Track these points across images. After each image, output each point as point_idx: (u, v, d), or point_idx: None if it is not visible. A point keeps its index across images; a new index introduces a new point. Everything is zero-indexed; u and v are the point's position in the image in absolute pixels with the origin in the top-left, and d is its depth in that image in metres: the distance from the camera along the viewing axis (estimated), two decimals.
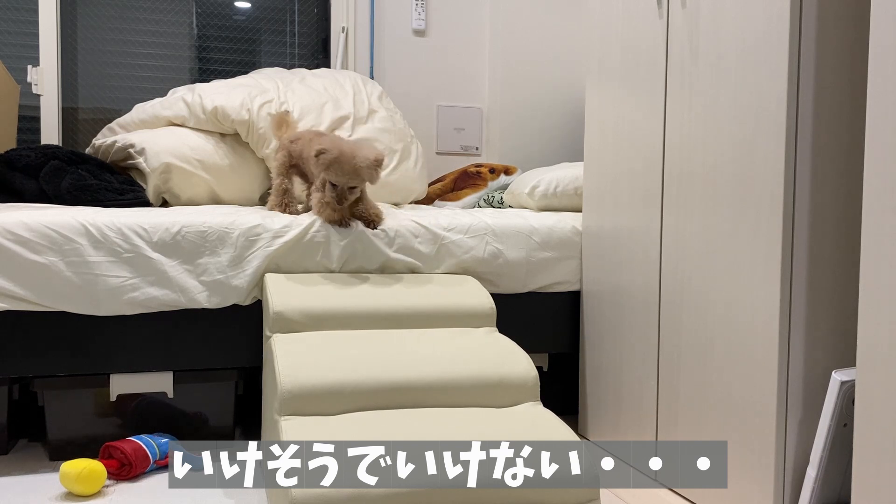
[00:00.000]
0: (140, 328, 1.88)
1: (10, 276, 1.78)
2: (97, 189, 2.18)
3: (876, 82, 1.14)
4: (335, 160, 1.84)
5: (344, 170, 1.84)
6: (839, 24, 1.39)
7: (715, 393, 1.56)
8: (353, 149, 1.86)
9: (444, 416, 1.58)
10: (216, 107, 2.42)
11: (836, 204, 1.42)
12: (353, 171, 1.84)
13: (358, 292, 1.88)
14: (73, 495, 1.69)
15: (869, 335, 1.14)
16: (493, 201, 2.74)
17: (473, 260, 2.10)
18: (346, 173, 1.84)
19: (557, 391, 2.23)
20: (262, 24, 3.37)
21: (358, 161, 1.85)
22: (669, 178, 1.72)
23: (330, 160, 1.84)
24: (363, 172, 1.86)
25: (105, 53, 3.16)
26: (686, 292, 1.66)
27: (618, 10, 1.92)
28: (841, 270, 1.43)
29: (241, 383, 2.03)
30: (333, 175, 1.86)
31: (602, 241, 2.03)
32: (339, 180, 1.87)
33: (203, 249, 1.90)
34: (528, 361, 1.74)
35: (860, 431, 1.16)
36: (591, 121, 2.06)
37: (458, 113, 3.38)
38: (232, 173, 2.42)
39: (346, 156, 1.84)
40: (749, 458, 1.47)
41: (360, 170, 1.85)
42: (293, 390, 1.55)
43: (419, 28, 3.32)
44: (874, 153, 1.14)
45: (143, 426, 1.95)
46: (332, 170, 1.85)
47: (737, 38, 1.50)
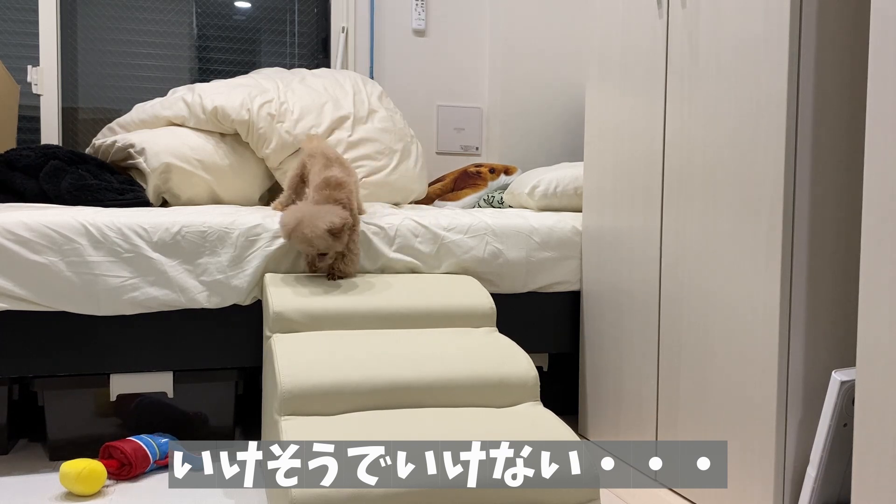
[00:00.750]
0: (140, 328, 1.88)
1: (10, 276, 1.78)
2: (97, 189, 2.18)
3: (876, 82, 1.14)
4: (292, 231, 1.81)
5: (300, 238, 1.81)
6: (839, 24, 1.39)
7: (715, 393, 1.56)
8: (312, 218, 1.81)
9: (444, 416, 1.58)
10: (216, 107, 2.42)
11: (836, 204, 1.42)
12: (306, 240, 1.81)
13: (358, 292, 1.88)
14: (73, 495, 1.69)
15: (869, 335, 1.14)
16: (493, 201, 2.74)
17: (473, 260, 2.10)
18: (303, 242, 1.82)
19: (557, 391, 2.23)
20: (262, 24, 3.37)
21: (311, 231, 1.80)
22: (669, 178, 1.72)
23: (287, 232, 1.82)
24: (316, 241, 1.80)
25: (105, 53, 3.16)
26: (686, 292, 1.66)
27: (618, 10, 1.92)
28: (841, 270, 1.43)
29: (241, 383, 2.03)
30: (296, 244, 1.85)
31: (602, 241, 2.03)
32: (301, 249, 1.87)
33: (203, 249, 1.90)
34: (528, 361, 1.74)
35: (860, 431, 1.16)
36: (591, 121, 2.06)
37: (458, 113, 3.38)
38: (232, 173, 2.42)
39: (305, 224, 1.80)
40: (749, 458, 1.47)
41: (313, 239, 1.80)
42: (293, 390, 1.55)
43: (419, 28, 3.32)
44: (874, 153, 1.14)
45: (143, 426, 1.95)
46: (293, 240, 1.84)
47: (737, 37, 1.50)
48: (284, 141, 2.46)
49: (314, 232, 1.79)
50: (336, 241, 1.82)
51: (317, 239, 1.80)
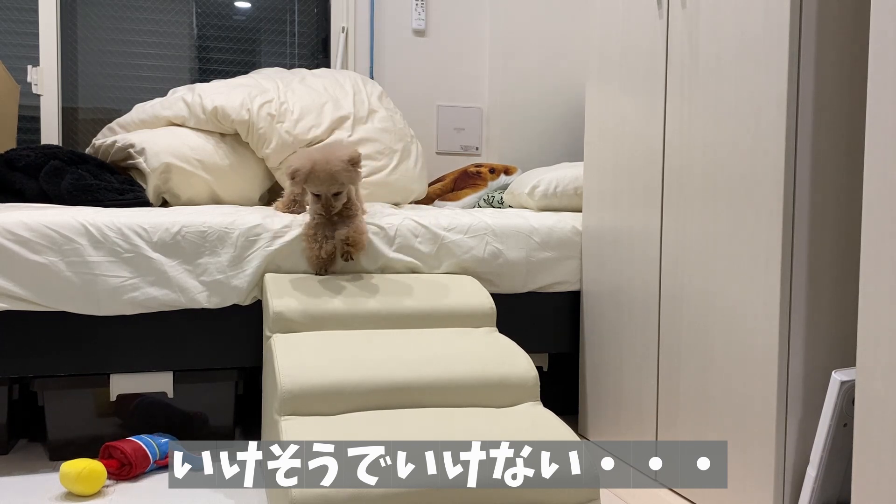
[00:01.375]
0: (140, 328, 1.88)
1: (10, 276, 1.78)
2: (97, 189, 2.18)
3: (876, 82, 1.14)
4: (310, 172, 1.80)
5: (321, 178, 1.79)
6: (839, 24, 1.39)
7: (715, 393, 1.56)
8: (325, 155, 1.82)
9: (444, 416, 1.58)
10: (216, 107, 2.42)
11: (836, 204, 1.42)
12: (329, 176, 1.80)
13: (358, 292, 1.88)
14: (73, 495, 1.69)
15: (869, 335, 1.14)
16: (493, 201, 2.74)
17: (473, 260, 2.10)
18: (324, 181, 1.80)
19: (557, 391, 2.23)
20: (262, 24, 3.37)
21: (332, 165, 1.79)
22: (669, 178, 1.72)
23: (305, 174, 1.80)
24: (341, 176, 1.81)
25: (105, 53, 3.16)
26: (686, 292, 1.66)
27: (618, 10, 1.92)
28: (841, 270, 1.43)
29: (241, 383, 2.03)
30: (313, 187, 1.82)
31: (602, 241, 2.03)
32: (320, 189, 1.82)
33: (203, 249, 1.90)
34: (528, 361, 1.74)
35: (860, 431, 1.16)
36: (591, 121, 2.06)
37: (458, 113, 3.37)
38: (232, 173, 2.42)
39: (320, 163, 1.80)
40: (749, 458, 1.47)
41: (337, 173, 1.80)
42: (293, 390, 1.55)
43: (419, 28, 3.32)
44: (874, 153, 1.14)
45: (143, 426, 1.95)
46: (311, 182, 1.81)
47: (737, 37, 1.50)
48: (284, 141, 2.46)
49: (336, 165, 1.79)
50: (356, 172, 1.83)
51: (340, 172, 1.79)
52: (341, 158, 1.81)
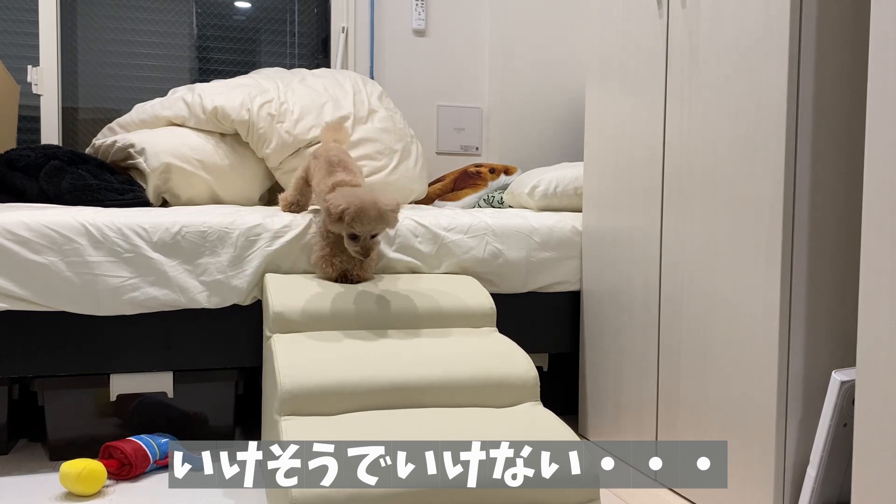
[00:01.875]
0: (140, 328, 1.88)
1: (10, 276, 1.78)
2: (97, 189, 2.18)
3: (876, 82, 1.14)
4: (360, 211, 1.79)
5: (371, 216, 1.80)
6: (839, 24, 1.39)
7: (715, 393, 1.56)
8: (371, 195, 1.82)
9: (444, 416, 1.58)
10: (216, 107, 2.42)
11: (836, 204, 1.42)
12: (379, 216, 1.80)
13: (358, 292, 1.88)
14: (73, 495, 1.69)
15: (869, 335, 1.14)
16: (493, 201, 2.74)
17: (473, 260, 2.10)
18: (374, 220, 1.80)
19: (557, 391, 2.23)
20: (262, 24, 3.37)
21: (381, 205, 1.81)
22: (669, 178, 1.72)
23: (355, 214, 1.79)
24: (388, 217, 1.82)
25: (105, 53, 3.16)
26: (686, 292, 1.66)
27: (618, 10, 1.92)
28: (841, 270, 1.43)
29: (241, 383, 2.03)
30: (360, 226, 1.81)
31: (602, 241, 2.03)
32: (364, 230, 1.82)
33: (203, 249, 1.90)
34: (528, 361, 1.74)
35: (860, 431, 1.16)
36: (591, 121, 2.06)
37: (458, 113, 3.37)
38: (232, 173, 2.42)
39: (369, 203, 1.80)
40: (749, 458, 1.47)
41: (386, 213, 1.81)
42: (293, 390, 1.55)
43: (419, 28, 3.32)
44: (874, 153, 1.14)
45: (143, 426, 1.95)
46: (359, 221, 1.80)
47: (737, 38, 1.50)
48: (284, 141, 2.46)
49: (387, 207, 1.81)
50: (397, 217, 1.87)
51: (390, 214, 1.82)
52: (388, 204, 1.82)
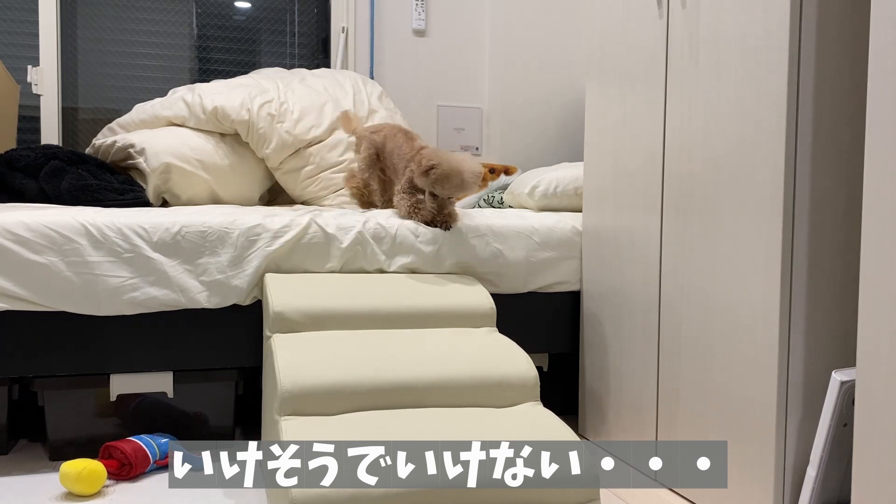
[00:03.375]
0: (140, 328, 1.88)
1: (10, 276, 1.78)
2: (97, 189, 2.18)
3: (876, 82, 1.14)
4: (445, 175, 1.89)
5: (453, 183, 1.89)
6: (839, 24, 1.39)
7: (715, 393, 1.56)
8: (459, 162, 1.92)
9: (444, 416, 1.58)
10: (216, 107, 2.42)
11: (836, 204, 1.42)
12: (461, 184, 1.90)
13: (358, 292, 1.88)
14: (73, 495, 1.69)
15: (869, 335, 1.14)
16: (493, 201, 2.74)
17: (473, 260, 2.10)
18: (455, 186, 1.90)
19: (557, 391, 2.23)
20: (262, 24, 3.37)
21: (466, 175, 1.91)
22: (669, 178, 1.72)
23: (440, 174, 1.89)
24: (469, 186, 1.92)
25: (105, 53, 3.16)
26: (686, 292, 1.66)
27: (618, 10, 1.92)
28: (841, 270, 1.43)
29: (241, 383, 2.03)
30: (441, 188, 1.91)
31: (602, 241, 2.03)
32: (444, 192, 1.92)
33: (203, 249, 1.91)
34: (528, 361, 1.74)
35: (860, 431, 1.16)
36: (591, 121, 2.06)
37: (458, 113, 3.38)
38: (232, 173, 2.42)
39: (455, 170, 1.89)
40: (749, 458, 1.47)
41: (468, 183, 1.91)
42: (293, 390, 1.55)
43: (419, 28, 3.32)
44: (874, 153, 1.14)
45: (143, 426, 1.95)
46: (441, 183, 1.89)
47: (737, 38, 1.50)
48: (284, 141, 2.46)
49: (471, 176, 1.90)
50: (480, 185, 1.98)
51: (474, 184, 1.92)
52: (474, 171, 1.91)
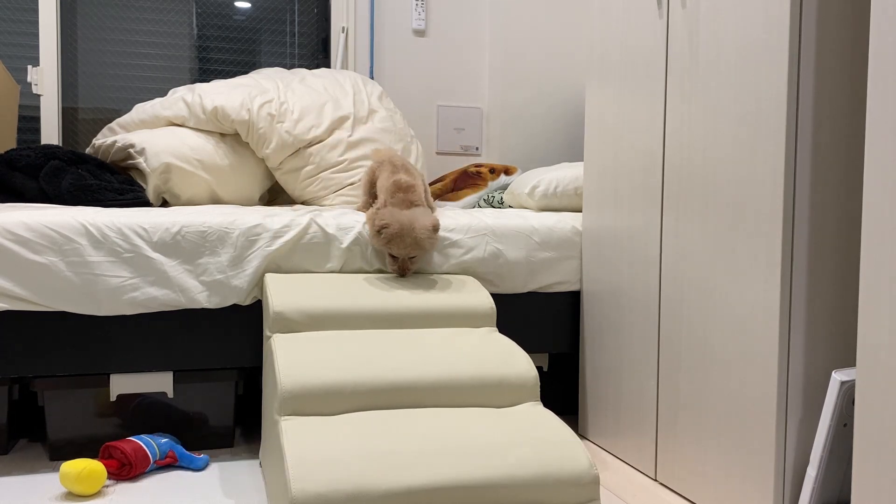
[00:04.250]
0: (140, 328, 1.88)
1: (10, 276, 1.78)
2: (97, 189, 2.18)
3: (876, 82, 1.14)
4: (396, 235, 1.88)
5: (405, 242, 1.89)
6: (839, 24, 1.39)
7: (715, 393, 1.57)
8: (411, 220, 1.91)
9: (444, 416, 1.58)
10: (216, 107, 2.42)
11: (836, 204, 1.42)
12: (413, 243, 1.90)
13: (358, 292, 1.89)
14: (73, 495, 1.69)
15: (869, 335, 1.14)
16: (493, 201, 2.74)
17: (473, 260, 2.10)
18: (407, 245, 1.90)
19: (557, 391, 2.23)
20: (262, 24, 3.37)
21: (417, 233, 1.90)
22: (669, 178, 1.72)
23: (391, 235, 1.89)
24: (424, 244, 1.91)
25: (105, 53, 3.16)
26: (686, 292, 1.66)
27: (618, 10, 1.92)
28: (841, 270, 1.43)
29: (241, 383, 2.03)
30: (395, 248, 1.91)
31: (602, 241, 2.03)
32: (399, 252, 1.92)
33: (203, 249, 1.91)
34: (528, 361, 1.74)
35: (860, 431, 1.16)
36: (591, 121, 2.06)
37: (458, 113, 3.38)
38: (232, 173, 2.42)
39: (406, 229, 1.89)
40: (749, 458, 1.47)
41: (421, 241, 1.90)
42: (293, 390, 1.55)
43: (419, 28, 3.32)
44: (874, 153, 1.14)
45: (143, 426, 1.95)
46: (394, 244, 1.90)
47: (737, 38, 1.50)
48: (284, 141, 2.46)
49: (423, 233, 1.89)
50: (436, 239, 1.95)
51: (427, 241, 1.91)
52: (426, 226, 1.90)
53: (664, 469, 1.74)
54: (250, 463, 1.91)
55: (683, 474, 1.66)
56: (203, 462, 1.86)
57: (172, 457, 1.85)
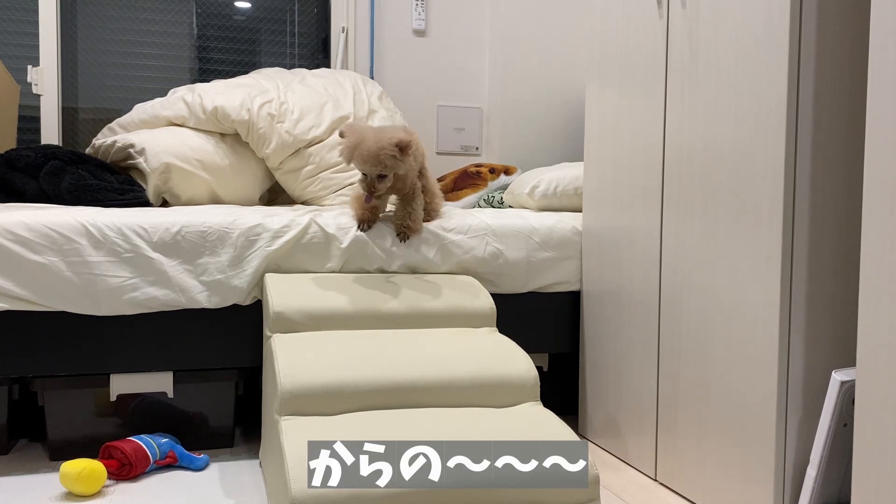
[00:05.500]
0: (140, 328, 1.88)
1: (10, 276, 1.78)
2: (97, 189, 2.18)
3: (876, 82, 1.14)
4: (355, 149, 1.71)
5: (364, 157, 1.71)
6: (839, 24, 1.39)
7: (715, 393, 1.56)
8: (376, 134, 1.73)
9: (444, 416, 1.58)
10: (216, 107, 2.42)
11: (836, 204, 1.42)
12: (372, 158, 1.70)
13: (358, 292, 1.88)
14: (73, 495, 1.69)
15: (869, 335, 1.14)
16: (493, 201, 2.74)
17: (473, 260, 2.10)
18: (367, 161, 1.71)
19: (557, 391, 2.23)
20: (262, 24, 3.37)
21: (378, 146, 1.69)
22: (669, 178, 1.72)
23: (350, 151, 1.72)
24: (385, 159, 1.71)
25: (105, 53, 3.16)
26: (686, 292, 1.66)
27: (618, 11, 1.92)
28: (841, 270, 1.43)
29: (241, 383, 2.03)
30: (357, 164, 1.74)
31: (602, 241, 2.03)
32: (363, 169, 1.74)
33: (203, 249, 1.90)
34: (528, 361, 1.74)
35: (860, 431, 1.16)
36: (591, 121, 2.06)
37: (458, 113, 3.38)
38: (232, 173, 2.42)
39: (367, 142, 1.71)
40: (749, 458, 1.47)
41: (382, 156, 1.70)
42: (293, 390, 1.55)
43: (419, 28, 3.32)
44: (874, 153, 1.14)
45: (143, 426, 1.95)
46: (355, 158, 1.72)
47: (737, 38, 1.50)
48: (284, 141, 2.46)
49: (380, 146, 1.69)
50: (404, 158, 1.73)
51: (384, 154, 1.69)
52: (390, 141, 1.71)
53: (664, 469, 1.74)
54: (250, 463, 1.91)
55: (683, 474, 1.66)
56: (203, 462, 1.86)
57: (172, 457, 1.85)
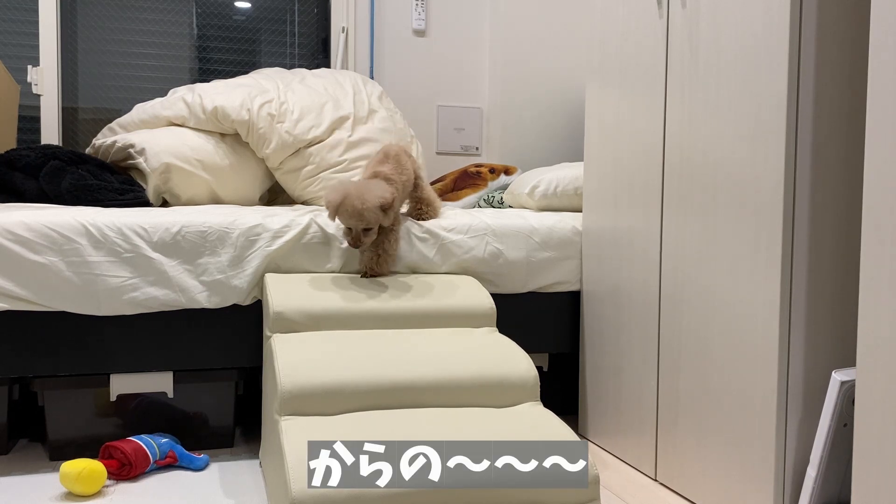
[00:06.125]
0: (140, 328, 1.88)
1: (10, 276, 1.78)
2: (97, 189, 2.18)
3: (876, 82, 1.14)
4: (339, 205, 1.84)
5: (348, 213, 1.84)
6: (839, 24, 1.39)
7: (715, 393, 1.57)
8: (360, 191, 1.86)
9: (444, 416, 1.58)
10: (216, 107, 2.42)
11: (836, 204, 1.42)
12: (357, 214, 1.83)
13: (358, 292, 1.88)
14: (73, 495, 1.69)
15: (869, 335, 1.14)
16: (493, 201, 2.74)
17: (473, 260, 2.10)
18: (351, 216, 1.84)
19: (557, 391, 2.23)
20: (262, 24, 3.37)
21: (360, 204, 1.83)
22: (669, 178, 1.72)
23: (335, 207, 1.85)
24: (368, 216, 1.84)
25: (105, 53, 3.16)
26: (686, 292, 1.66)
27: (618, 10, 1.92)
28: (841, 270, 1.43)
29: (241, 383, 2.03)
30: (342, 219, 1.87)
31: (602, 241, 2.03)
32: (348, 223, 1.87)
33: (203, 249, 1.91)
34: (528, 361, 1.74)
35: (860, 431, 1.16)
36: (591, 121, 2.06)
37: (458, 113, 3.38)
38: (232, 173, 2.42)
39: (351, 198, 1.84)
40: (749, 458, 1.47)
41: (364, 213, 1.83)
42: (293, 390, 1.55)
43: (419, 28, 3.32)
44: (874, 153, 1.14)
45: (143, 426, 1.95)
46: (340, 214, 1.86)
47: (737, 38, 1.50)
48: (284, 141, 2.46)
49: (364, 204, 1.83)
50: (385, 215, 1.87)
51: (367, 211, 1.83)
52: (373, 203, 1.84)
53: (664, 469, 1.74)
54: (250, 463, 1.91)
55: (683, 474, 1.66)
56: (203, 462, 1.86)
57: (172, 457, 1.85)
